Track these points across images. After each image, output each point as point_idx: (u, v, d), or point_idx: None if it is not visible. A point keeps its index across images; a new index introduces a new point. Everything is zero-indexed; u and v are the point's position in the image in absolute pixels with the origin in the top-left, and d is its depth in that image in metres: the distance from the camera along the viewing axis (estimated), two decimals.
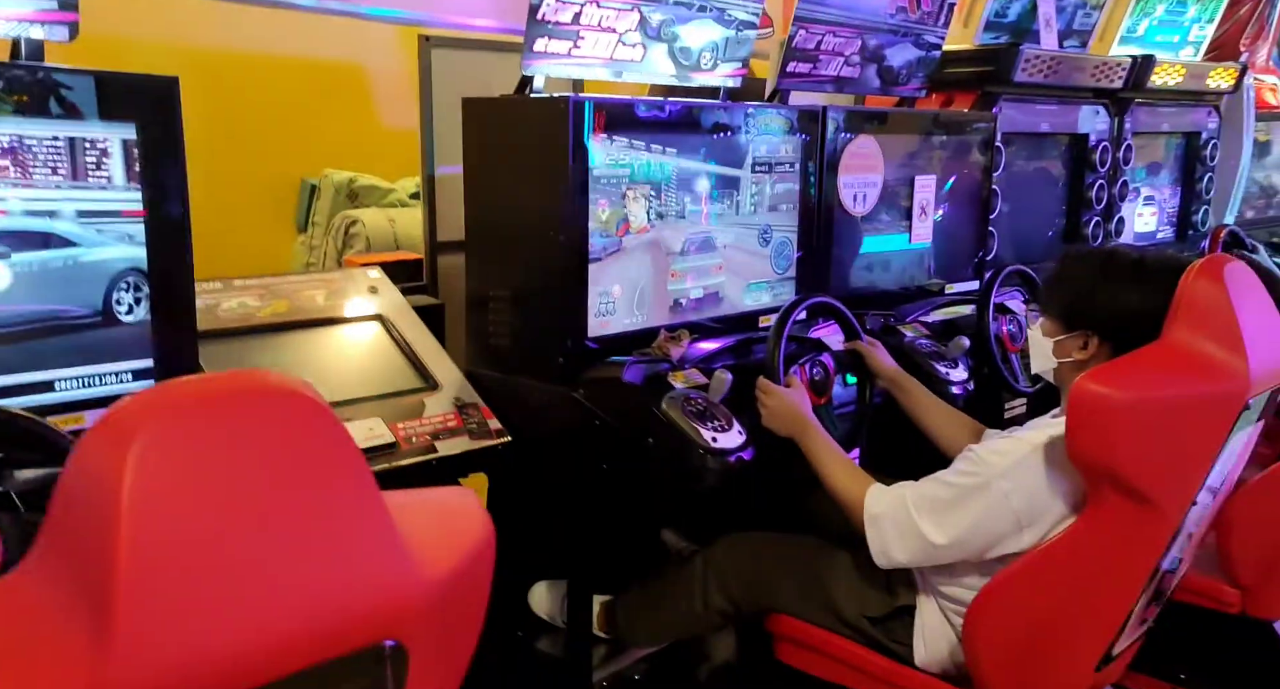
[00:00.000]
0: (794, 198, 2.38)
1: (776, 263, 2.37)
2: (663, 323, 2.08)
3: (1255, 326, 1.45)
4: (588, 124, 1.83)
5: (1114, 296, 1.59)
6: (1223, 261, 1.49)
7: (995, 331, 2.58)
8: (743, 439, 1.76)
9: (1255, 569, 1.99)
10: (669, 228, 2.07)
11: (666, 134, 2.02)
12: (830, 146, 2.44)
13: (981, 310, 2.53)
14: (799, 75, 2.51)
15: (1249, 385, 1.40)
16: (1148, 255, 1.63)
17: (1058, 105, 3.30)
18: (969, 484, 1.56)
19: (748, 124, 2.20)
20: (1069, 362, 1.65)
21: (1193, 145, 3.98)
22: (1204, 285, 1.46)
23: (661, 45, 2.08)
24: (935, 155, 2.80)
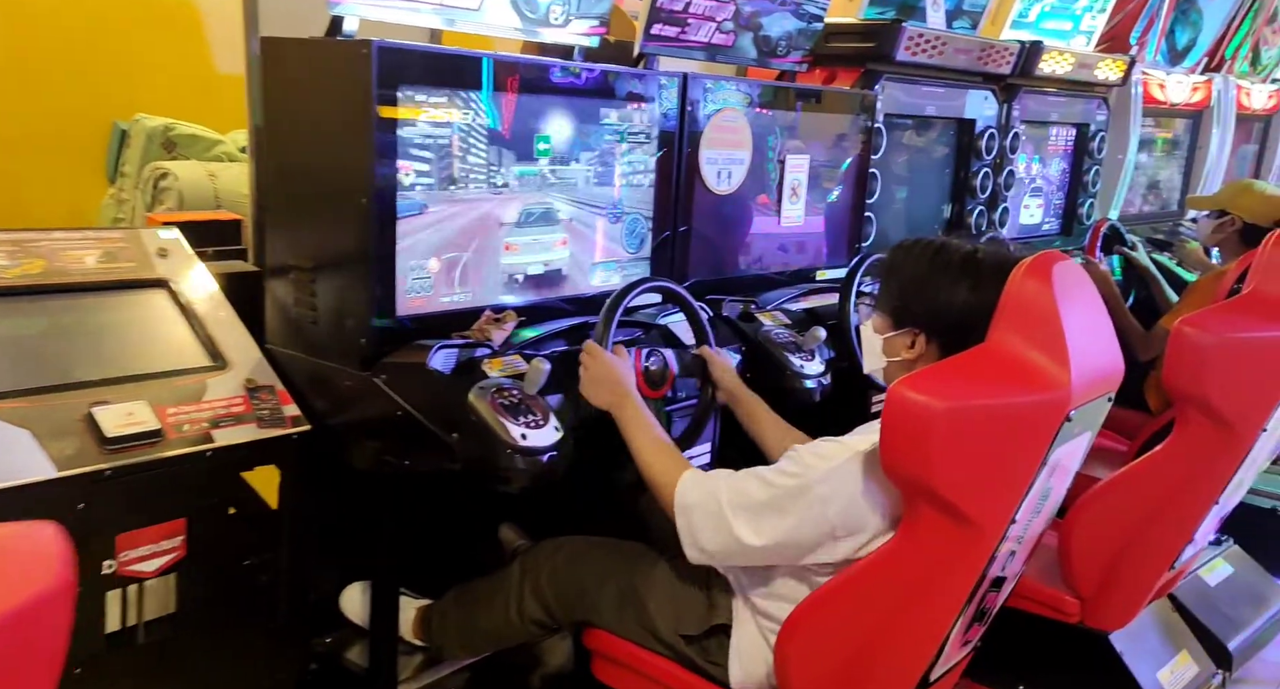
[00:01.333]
0: (650, 172, 2.21)
1: (628, 241, 2.21)
2: (493, 302, 1.91)
3: (1081, 332, 1.35)
4: (398, 74, 1.62)
5: (941, 293, 1.48)
6: (1052, 260, 1.38)
7: (857, 322, 2.48)
8: (558, 436, 1.60)
9: (1094, 580, 1.93)
10: (502, 196, 1.89)
11: (501, 93, 1.83)
12: (692, 118, 2.28)
13: (843, 299, 2.42)
14: (665, 39, 2.34)
15: (1070, 396, 1.30)
16: (981, 250, 1.52)
17: (944, 88, 3.20)
18: (787, 486, 1.44)
19: (598, 88, 2.02)
20: (897, 361, 1.54)
21: (1081, 137, 3.95)
22: (1031, 286, 1.36)
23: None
24: (810, 134, 2.67)
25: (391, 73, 1.61)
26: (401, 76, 1.63)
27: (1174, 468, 1.84)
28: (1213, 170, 4.71)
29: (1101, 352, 1.42)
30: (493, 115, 1.83)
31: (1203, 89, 4.51)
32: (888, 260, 1.59)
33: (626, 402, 1.69)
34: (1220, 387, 1.74)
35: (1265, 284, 1.77)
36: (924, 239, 1.57)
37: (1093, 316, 1.42)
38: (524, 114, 1.89)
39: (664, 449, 1.63)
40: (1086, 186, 4.01)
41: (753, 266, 2.60)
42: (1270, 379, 1.76)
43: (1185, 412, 1.80)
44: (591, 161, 2.06)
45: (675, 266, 2.34)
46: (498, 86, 1.82)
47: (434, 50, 1.67)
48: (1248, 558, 2.87)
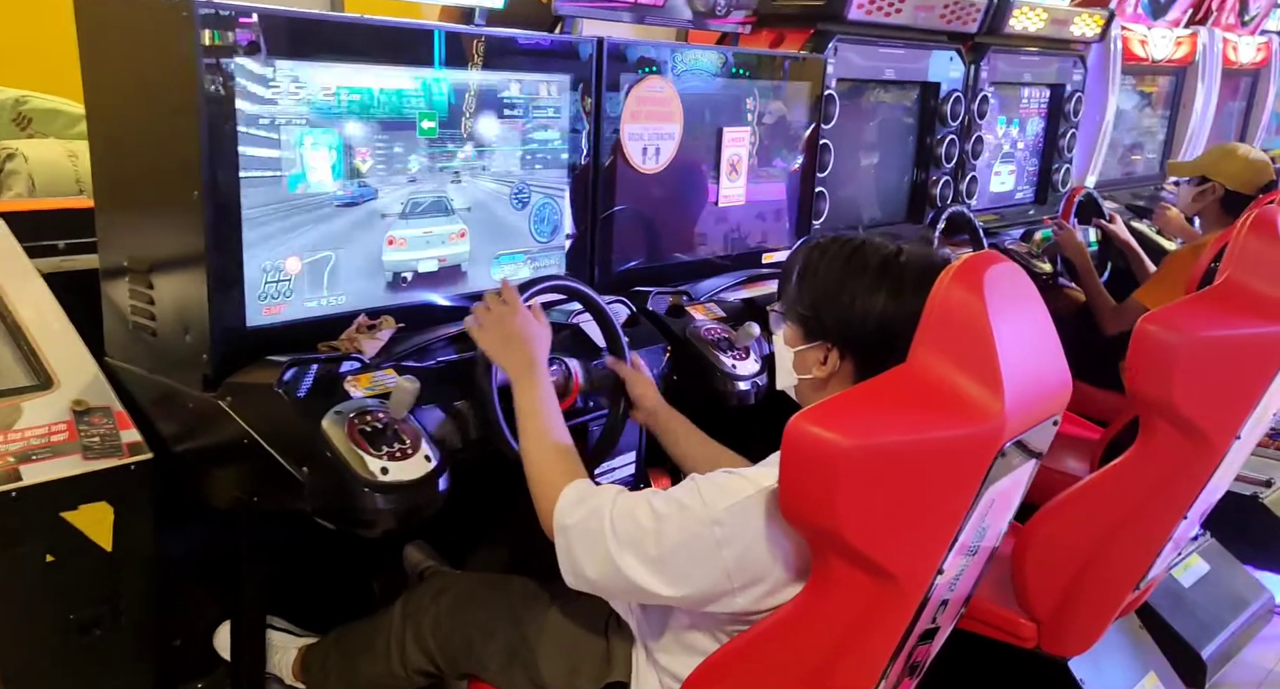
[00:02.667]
0: (563, 151, 1.98)
1: (538, 229, 1.98)
2: (375, 304, 1.68)
3: (1019, 349, 1.14)
4: (234, 41, 1.38)
5: (856, 302, 1.27)
6: (984, 264, 1.17)
7: None
8: (429, 467, 1.39)
9: (1051, 603, 1.75)
10: (381, 184, 1.65)
11: (374, 62, 1.59)
12: (610, 88, 2.04)
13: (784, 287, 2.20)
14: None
15: (1003, 427, 1.09)
16: (904, 252, 1.30)
17: (904, 49, 2.96)
18: (679, 522, 1.23)
19: (493, 55, 1.78)
20: (808, 379, 1.33)
21: (1056, 98, 3.71)
22: (959, 296, 1.14)
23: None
24: (752, 103, 2.43)
25: (224, 39, 1.37)
26: (239, 44, 1.39)
27: (1137, 481, 1.65)
28: (1197, 130, 4.48)
29: (1044, 370, 1.21)
30: (365, 90, 1.59)
31: (1186, 43, 4.27)
32: (800, 262, 1.37)
33: (531, 372, 1.47)
34: (1188, 391, 1.53)
35: (1240, 273, 1.55)
36: (841, 237, 1.35)
37: (1034, 329, 1.21)
38: (410, 86, 1.66)
39: (556, 446, 1.42)
40: (1062, 151, 3.77)
41: (689, 252, 2.38)
42: (1244, 381, 1.56)
43: (1150, 419, 1.60)
44: (492, 141, 1.83)
45: (597, 256, 2.11)
46: (367, 55, 1.58)
47: (278, 12, 1.42)
48: (1225, 553, 2.70)
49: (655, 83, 2.15)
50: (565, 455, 1.41)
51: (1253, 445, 1.75)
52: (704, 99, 2.30)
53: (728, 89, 2.35)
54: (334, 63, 1.54)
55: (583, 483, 1.36)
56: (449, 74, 1.73)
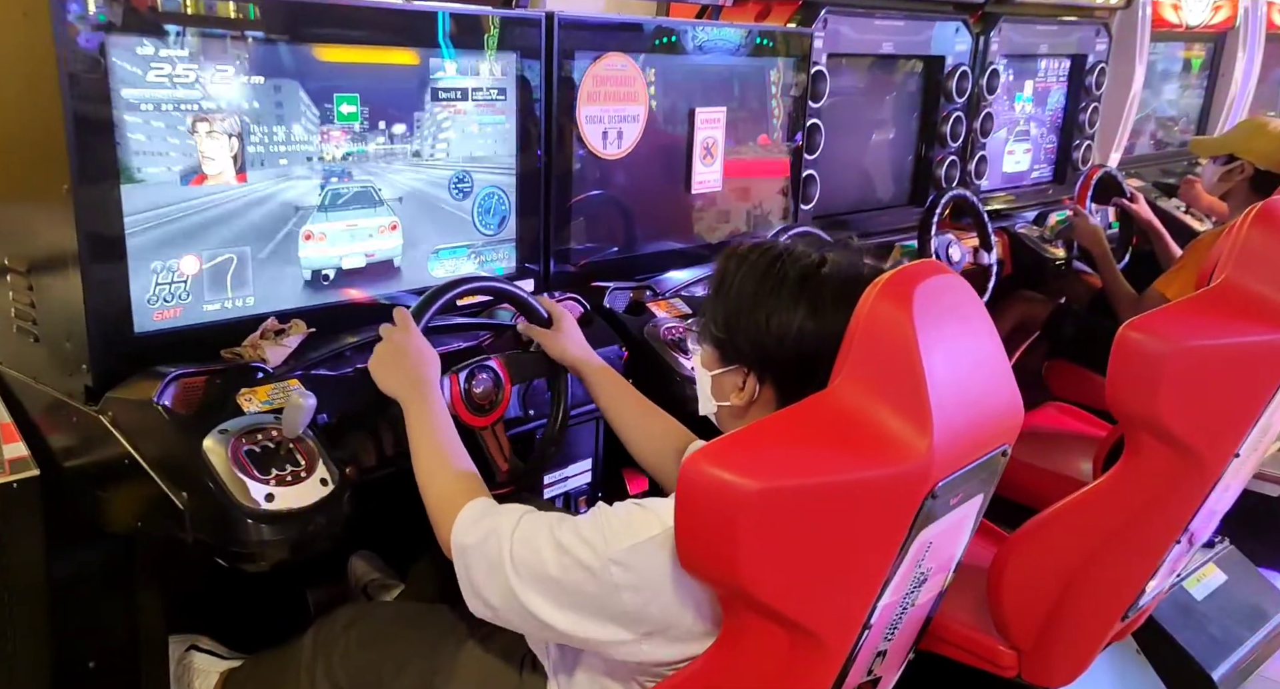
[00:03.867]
0: (508, 135, 1.84)
1: (483, 220, 1.84)
2: (292, 305, 1.56)
3: (954, 375, 0.99)
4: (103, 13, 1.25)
5: (772, 320, 1.12)
6: (915, 277, 1.01)
7: None
8: (324, 492, 1.27)
9: (1032, 631, 1.59)
10: (294, 175, 1.53)
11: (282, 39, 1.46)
12: (562, 67, 1.89)
13: None
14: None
15: (931, 467, 0.94)
16: (830, 261, 1.15)
17: (904, 20, 2.76)
18: (580, 559, 1.10)
19: (424, 32, 1.64)
20: (726, 406, 1.19)
21: (1076, 70, 3.48)
22: (885, 314, 0.99)
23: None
24: (729, 82, 2.27)
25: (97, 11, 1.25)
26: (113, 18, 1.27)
27: (1122, 502, 1.48)
28: (1237, 101, 4.20)
29: (987, 397, 1.06)
30: (272, 71, 1.46)
31: (1226, 7, 3.99)
32: (716, 272, 1.22)
33: (418, 394, 1.37)
34: (1177, 407, 1.36)
35: (1239, 274, 1.37)
36: (761, 245, 1.20)
37: (974, 351, 1.06)
38: (321, 67, 1.53)
39: (452, 467, 1.30)
40: (1083, 127, 3.54)
41: (659, 242, 2.23)
42: (1241, 396, 1.38)
43: (1136, 435, 1.44)
44: (425, 126, 1.69)
45: (551, 248, 1.98)
46: (274, 31, 1.45)
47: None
48: (1245, 562, 2.51)
49: (616, 61, 2.00)
50: (462, 476, 1.29)
51: (1256, 463, 1.58)
52: (674, 78, 2.14)
53: (701, 66, 2.19)
54: (233, 40, 1.41)
55: (482, 500, 1.24)
56: (372, 52, 1.59)
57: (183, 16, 1.34)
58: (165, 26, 1.33)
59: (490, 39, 1.76)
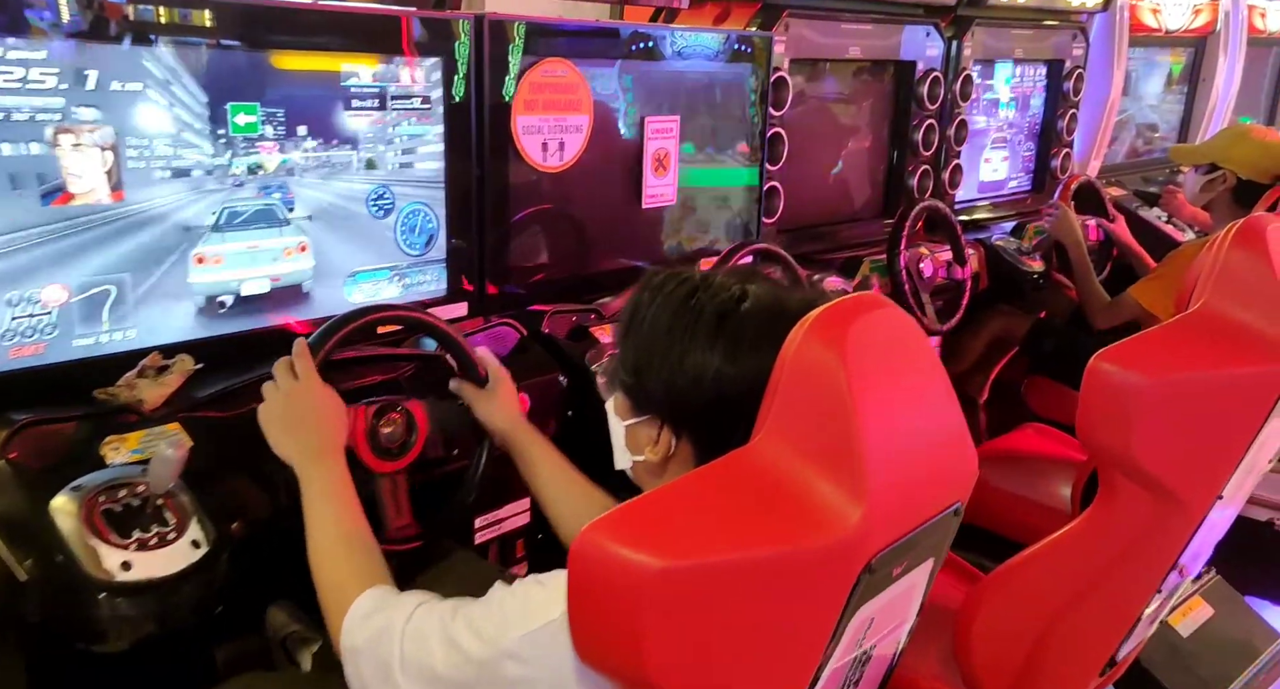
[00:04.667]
0: (435, 147, 1.70)
1: (407, 239, 1.70)
2: (183, 337, 1.42)
3: (894, 429, 0.86)
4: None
5: (686, 363, 0.98)
6: (850, 314, 0.87)
7: None
8: (197, 555, 1.12)
9: (1003, 682, 1.46)
10: (180, 190, 1.39)
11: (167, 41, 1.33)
12: (494, 73, 1.76)
13: None
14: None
15: (867, 539, 0.81)
16: (752, 295, 1.00)
17: (871, 24, 2.64)
18: (471, 654, 0.96)
19: (333, 35, 1.51)
20: (641, 461, 1.05)
21: (1054, 76, 3.36)
22: (814, 358, 0.85)
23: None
24: (683, 88, 2.14)
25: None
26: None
27: (1099, 547, 1.35)
28: (1219, 107, 4.10)
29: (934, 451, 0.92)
30: (151, 76, 1.32)
31: (1206, 10, 3.89)
32: (627, 306, 1.08)
33: (314, 460, 1.22)
34: (1153, 445, 1.23)
35: (1219, 298, 1.24)
36: (679, 274, 1.05)
37: (919, 398, 0.92)
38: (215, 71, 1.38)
39: (347, 544, 1.16)
40: (1061, 134, 3.43)
41: (608, 261, 2.09)
42: (1223, 434, 1.25)
43: (1109, 475, 1.30)
44: (337, 137, 1.56)
45: (485, 269, 1.83)
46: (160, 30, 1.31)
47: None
48: (1233, 594, 2.38)
49: (556, 67, 1.86)
50: (359, 562, 1.15)
51: (1242, 502, 1.45)
52: (622, 84, 2.01)
53: (651, 72, 2.05)
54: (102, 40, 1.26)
55: (377, 592, 1.09)
56: (274, 56, 1.45)
57: (39, 9, 1.20)
58: (19, 21, 1.19)
59: (411, 42, 1.62)
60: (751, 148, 2.34)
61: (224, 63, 1.39)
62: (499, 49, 1.75)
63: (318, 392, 1.27)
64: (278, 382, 1.27)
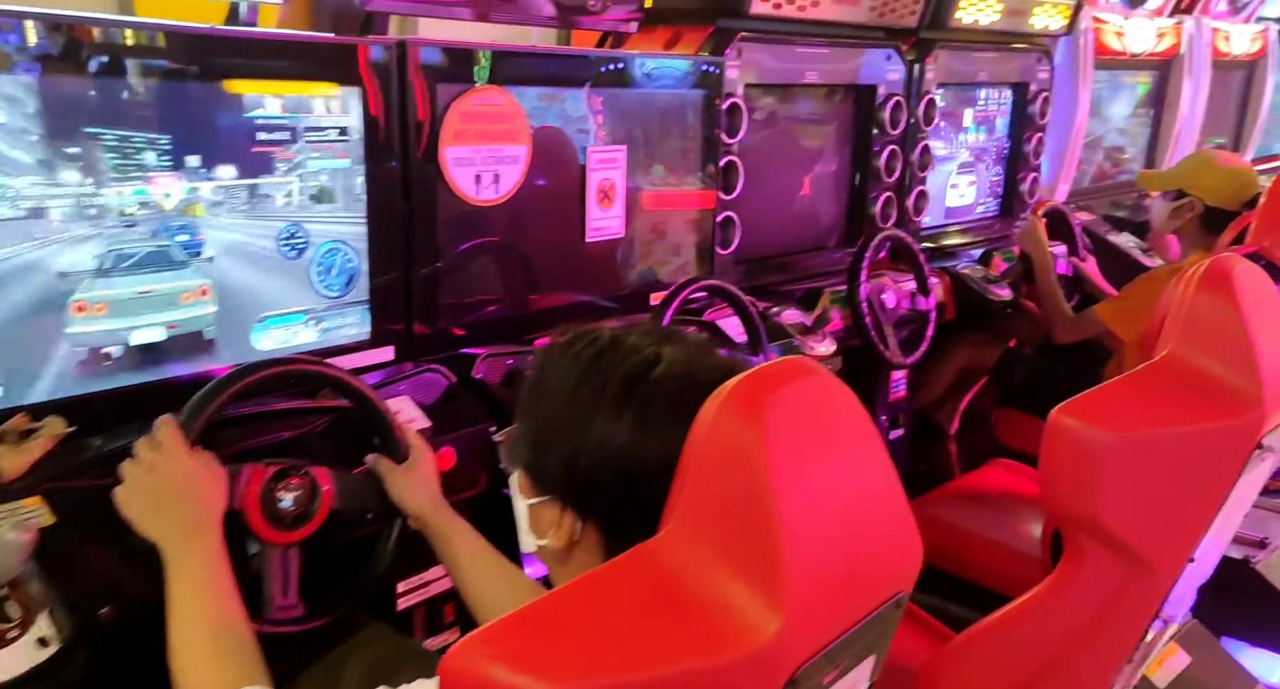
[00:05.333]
0: (354, 181, 1.59)
1: (324, 281, 1.58)
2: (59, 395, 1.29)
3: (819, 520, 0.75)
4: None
5: (589, 436, 0.87)
6: (773, 382, 0.77)
7: None
8: (45, 653, 0.99)
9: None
10: (54, 232, 1.26)
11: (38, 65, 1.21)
12: (420, 103, 1.65)
13: None
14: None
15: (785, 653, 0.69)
16: (668, 358, 0.88)
17: (829, 48, 2.56)
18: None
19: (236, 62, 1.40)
20: (545, 546, 0.93)
21: (1019, 99, 3.30)
22: (728, 434, 0.75)
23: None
24: (630, 115, 2.04)
25: None
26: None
27: (1065, 613, 1.24)
28: (1185, 130, 4.05)
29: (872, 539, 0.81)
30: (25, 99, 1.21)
31: (1170, 34, 3.85)
32: (531, 370, 0.96)
33: (184, 540, 1.09)
34: (1119, 506, 1.13)
35: (1185, 347, 1.14)
36: (589, 333, 0.93)
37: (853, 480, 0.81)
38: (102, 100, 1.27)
39: (213, 641, 1.03)
40: (1028, 158, 3.36)
41: (550, 298, 1.98)
42: (1193, 493, 1.15)
43: (1073, 536, 1.20)
44: (241, 172, 1.44)
45: (415, 311, 1.72)
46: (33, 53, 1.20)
47: None
48: (1209, 639, 2.27)
49: (489, 95, 1.76)
50: (226, 653, 1.02)
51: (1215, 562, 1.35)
52: (564, 113, 1.91)
53: (598, 100, 1.95)
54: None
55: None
56: (168, 84, 1.34)
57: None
58: None
59: (325, 71, 1.51)
60: (705, 177, 2.24)
61: (107, 91, 1.27)
62: (423, 77, 1.64)
63: (184, 461, 1.14)
64: (138, 456, 1.14)
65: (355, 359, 1.62)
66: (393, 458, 1.34)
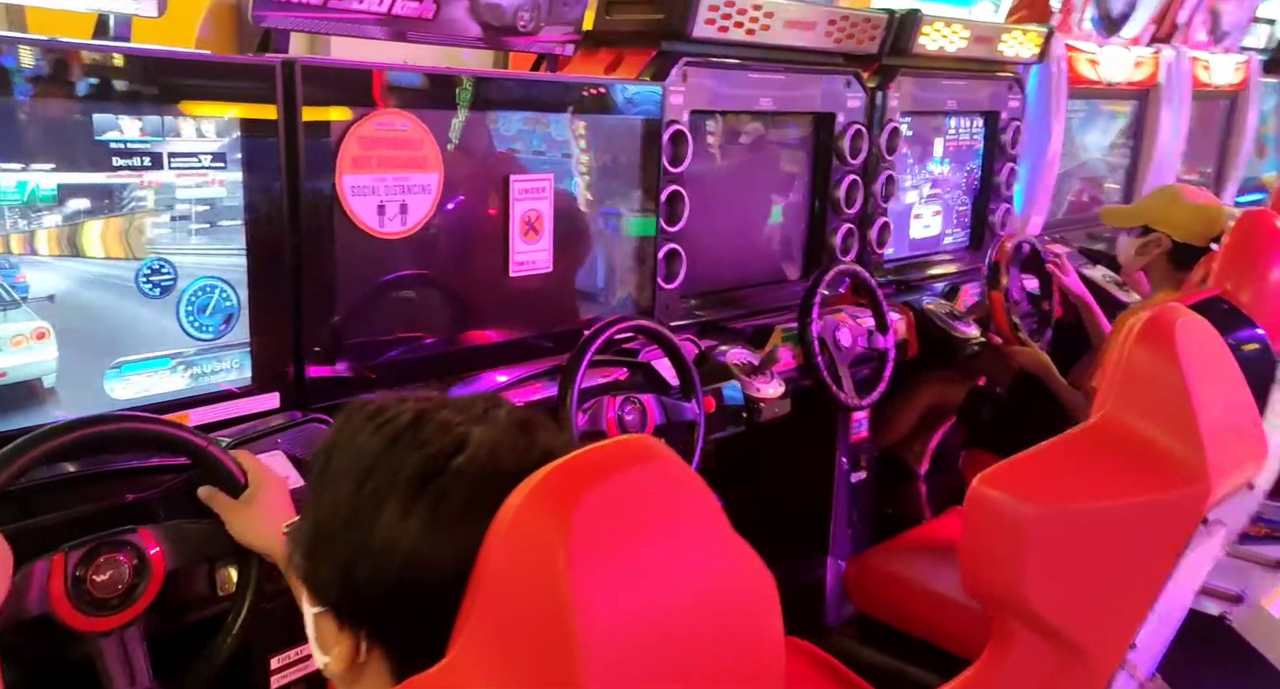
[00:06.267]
0: (233, 212, 1.46)
1: (196, 323, 1.44)
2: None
3: (637, 652, 0.60)
4: None
5: (372, 539, 0.71)
6: (591, 474, 0.63)
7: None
8: None
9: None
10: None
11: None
12: (313, 127, 1.52)
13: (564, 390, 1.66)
14: (298, 7, 1.58)
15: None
16: (476, 441, 0.72)
17: (785, 74, 2.44)
18: None
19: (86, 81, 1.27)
20: (329, 664, 0.78)
21: (990, 128, 3.19)
22: (532, 535, 0.61)
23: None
24: (560, 143, 1.92)
25: None
26: None
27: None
28: (1164, 160, 3.95)
29: (715, 672, 0.66)
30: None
31: (1148, 63, 3.75)
32: (322, 447, 0.81)
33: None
34: (1048, 588, 0.99)
35: (1122, 408, 1.01)
36: (386, 410, 0.77)
37: (693, 595, 0.66)
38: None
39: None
40: (999, 188, 3.24)
41: (467, 337, 1.85)
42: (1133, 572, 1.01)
43: (1002, 620, 1.06)
44: (93, 201, 1.31)
45: (306, 353, 1.58)
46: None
47: None
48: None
49: (392, 119, 1.63)
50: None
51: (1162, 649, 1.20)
52: (487, 139, 1.78)
53: (522, 126, 1.83)
54: None
55: None
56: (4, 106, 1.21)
57: None
58: None
59: (204, 90, 1.38)
60: (645, 208, 2.12)
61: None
62: (316, 99, 1.51)
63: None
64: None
65: (234, 407, 1.48)
66: (226, 490, 1.19)
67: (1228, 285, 1.64)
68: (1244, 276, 1.66)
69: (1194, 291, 1.79)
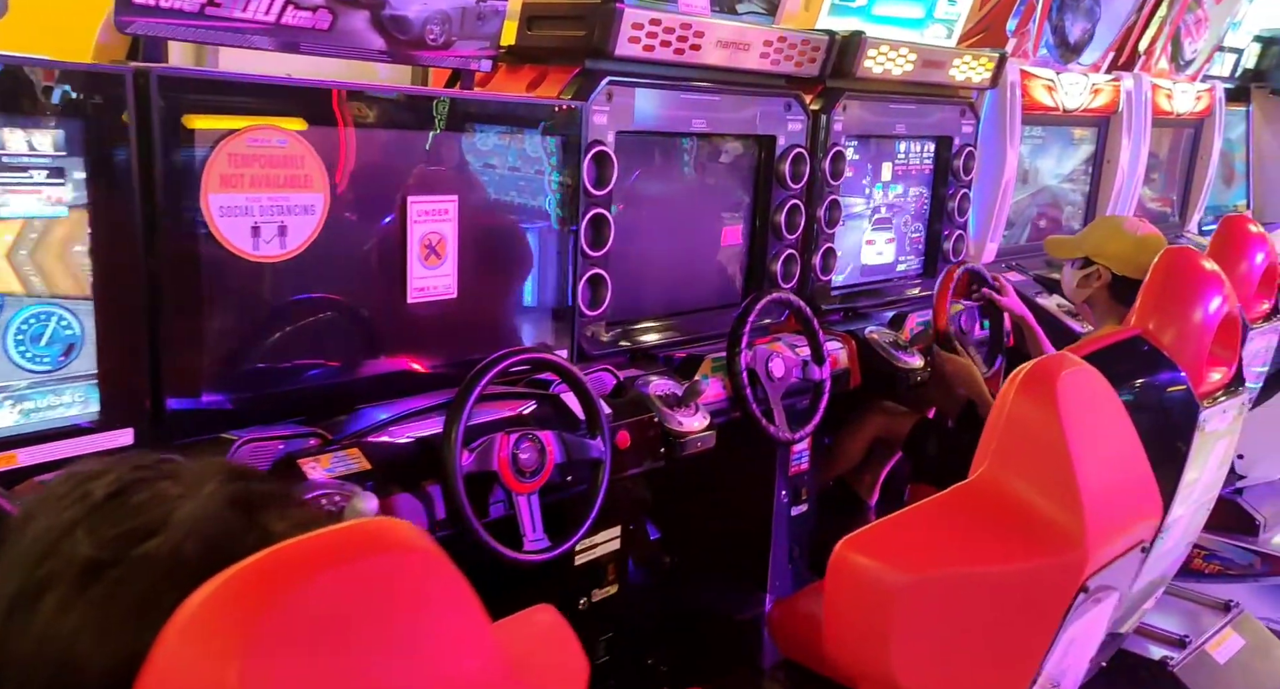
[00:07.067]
0: (75, 233, 1.34)
1: (30, 353, 1.33)
2: None
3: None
4: None
5: (27, 634, 0.56)
6: (298, 569, 0.51)
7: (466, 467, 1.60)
8: None
9: None
10: None
11: None
12: (174, 143, 1.41)
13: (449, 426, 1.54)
14: (171, 13, 1.48)
15: None
16: (176, 521, 0.58)
17: (719, 96, 2.35)
18: None
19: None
20: None
21: (942, 154, 3.11)
22: (199, 649, 0.49)
23: None
24: (465, 164, 1.82)
25: None
26: None
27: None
28: (1124, 189, 3.88)
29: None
30: None
31: (1107, 90, 3.69)
32: (15, 522, 0.68)
33: None
34: (916, 658, 0.88)
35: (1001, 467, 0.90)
36: (97, 474, 0.61)
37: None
38: None
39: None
40: (952, 215, 3.16)
41: (361, 367, 1.73)
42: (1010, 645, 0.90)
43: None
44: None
45: (166, 385, 1.46)
46: None
47: None
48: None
49: (268, 135, 1.52)
50: None
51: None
52: (378, 157, 1.68)
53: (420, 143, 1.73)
54: None
55: None
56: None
57: None
58: None
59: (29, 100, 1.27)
60: (565, 232, 2.02)
61: None
62: (177, 112, 1.41)
63: None
64: None
65: (79, 444, 1.36)
66: None
67: (1150, 325, 1.54)
68: (1166, 316, 1.57)
69: (1113, 332, 1.69)
